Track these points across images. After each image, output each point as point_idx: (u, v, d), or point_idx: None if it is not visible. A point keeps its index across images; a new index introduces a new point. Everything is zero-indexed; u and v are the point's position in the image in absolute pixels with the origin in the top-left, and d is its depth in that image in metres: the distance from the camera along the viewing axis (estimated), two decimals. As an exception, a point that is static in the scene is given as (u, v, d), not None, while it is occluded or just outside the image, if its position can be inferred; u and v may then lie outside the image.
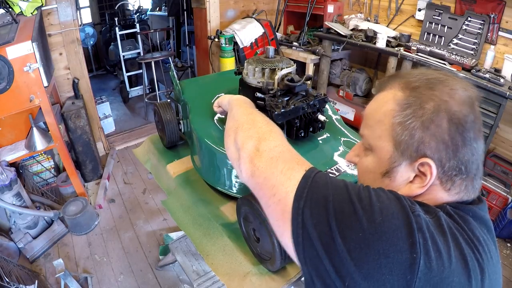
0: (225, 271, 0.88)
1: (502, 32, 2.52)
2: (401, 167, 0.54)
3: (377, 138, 0.56)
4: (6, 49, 1.88)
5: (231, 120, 0.74)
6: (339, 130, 1.08)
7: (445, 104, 0.50)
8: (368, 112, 0.59)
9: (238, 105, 0.78)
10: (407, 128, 0.51)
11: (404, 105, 0.52)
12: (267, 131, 0.65)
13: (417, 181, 0.53)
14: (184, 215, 1.05)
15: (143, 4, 6.39)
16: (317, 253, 0.46)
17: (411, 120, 0.51)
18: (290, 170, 0.54)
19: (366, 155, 0.60)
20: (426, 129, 0.50)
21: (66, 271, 1.69)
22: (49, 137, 2.35)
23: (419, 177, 0.53)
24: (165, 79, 4.74)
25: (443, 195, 0.54)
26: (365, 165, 0.60)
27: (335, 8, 3.38)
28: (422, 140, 0.51)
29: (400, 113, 0.52)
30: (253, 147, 0.61)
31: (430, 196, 0.54)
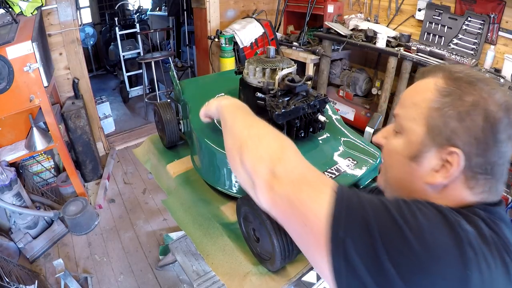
0: (225, 271, 0.88)
1: (502, 32, 2.52)
2: (429, 153, 0.53)
3: (411, 119, 0.56)
4: (6, 49, 1.88)
5: (230, 136, 0.64)
6: (339, 130, 1.08)
7: (484, 102, 0.50)
8: (406, 94, 0.59)
9: (231, 114, 0.68)
10: (443, 115, 0.51)
11: (444, 92, 0.52)
12: (278, 148, 0.57)
13: (443, 171, 0.52)
14: (184, 215, 1.05)
15: (143, 4, 6.39)
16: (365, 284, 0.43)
17: (449, 108, 0.51)
18: (318, 193, 0.49)
19: (395, 137, 0.59)
20: (462, 121, 0.50)
21: (66, 271, 1.69)
22: (49, 137, 2.35)
23: (445, 167, 0.52)
24: (165, 79, 4.74)
25: (466, 193, 0.53)
26: (393, 146, 0.59)
27: (335, 8, 3.38)
28: (455, 130, 0.50)
29: (439, 99, 0.52)
30: (268, 171, 0.54)
31: (454, 192, 0.53)
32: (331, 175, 0.88)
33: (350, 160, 0.95)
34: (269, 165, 0.54)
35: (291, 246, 0.75)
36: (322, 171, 0.89)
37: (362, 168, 0.93)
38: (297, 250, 0.78)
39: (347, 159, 0.95)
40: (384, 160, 0.63)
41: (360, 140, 1.03)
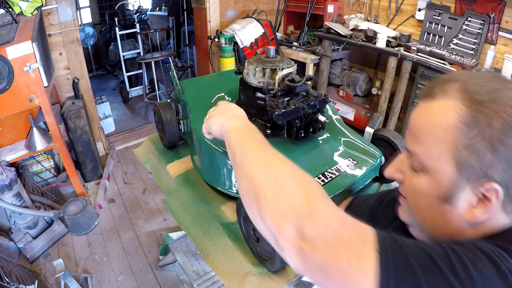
0: (225, 271, 0.88)
1: (502, 32, 2.52)
2: (463, 192, 0.48)
3: (435, 158, 0.49)
4: (6, 49, 1.87)
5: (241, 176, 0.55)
6: (339, 130, 1.08)
7: None
8: (420, 124, 0.51)
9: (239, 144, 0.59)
10: (474, 151, 0.45)
11: (470, 123, 0.45)
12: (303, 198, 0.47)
13: (480, 206, 0.47)
14: (184, 215, 1.05)
15: (143, 4, 6.39)
16: None
17: (479, 141, 0.44)
18: (359, 259, 0.41)
19: (417, 175, 0.53)
20: (495, 151, 0.44)
21: (66, 271, 1.69)
22: (49, 137, 2.35)
23: (482, 202, 0.47)
24: (165, 79, 4.74)
25: (503, 217, 0.48)
26: (418, 188, 0.52)
27: (335, 8, 3.38)
28: (491, 164, 0.44)
29: (465, 132, 0.45)
30: (294, 233, 0.44)
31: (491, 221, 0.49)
32: (331, 175, 0.88)
33: (350, 160, 0.95)
34: (296, 225, 0.44)
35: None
36: (322, 171, 0.89)
37: (362, 168, 0.93)
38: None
39: (347, 159, 0.95)
40: (407, 199, 0.57)
41: (360, 140, 1.03)
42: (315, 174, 0.88)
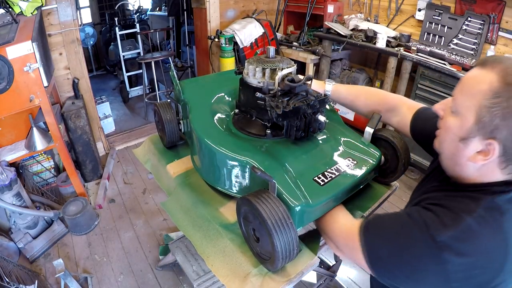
0: (225, 272, 0.87)
1: (502, 32, 2.52)
2: (475, 139, 0.65)
3: (465, 107, 0.66)
4: (6, 49, 1.87)
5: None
6: (339, 130, 1.08)
7: None
8: (468, 81, 0.67)
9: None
10: (490, 112, 0.61)
11: (496, 94, 0.60)
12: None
13: (482, 154, 0.65)
14: (183, 217, 1.05)
15: (143, 4, 6.39)
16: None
17: (496, 108, 0.60)
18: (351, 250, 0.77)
19: (451, 115, 0.70)
20: (504, 119, 0.60)
21: (66, 271, 1.69)
22: (49, 137, 2.35)
23: (484, 152, 0.65)
24: (165, 79, 4.74)
25: (498, 174, 0.67)
26: (449, 124, 0.71)
27: (335, 8, 3.38)
28: (498, 127, 0.61)
29: (490, 99, 0.61)
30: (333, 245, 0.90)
31: (488, 170, 0.67)
32: (331, 175, 0.88)
33: (350, 160, 0.95)
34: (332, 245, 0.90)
35: (291, 246, 0.75)
36: (322, 171, 0.89)
37: (362, 168, 0.93)
38: (298, 249, 0.78)
39: (347, 159, 0.95)
40: (440, 132, 0.76)
41: (360, 140, 1.03)
42: (315, 174, 0.88)
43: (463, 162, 0.69)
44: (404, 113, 1.01)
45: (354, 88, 1.16)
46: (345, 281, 2.03)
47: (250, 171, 0.90)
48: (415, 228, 0.66)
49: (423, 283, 0.66)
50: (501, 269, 0.63)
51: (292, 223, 0.74)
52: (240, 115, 1.09)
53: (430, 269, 0.63)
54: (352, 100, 1.13)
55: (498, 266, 0.63)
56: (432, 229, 0.63)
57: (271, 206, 0.74)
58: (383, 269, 0.71)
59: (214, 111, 1.14)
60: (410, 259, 0.65)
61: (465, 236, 0.62)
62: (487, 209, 0.64)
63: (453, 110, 0.70)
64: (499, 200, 0.65)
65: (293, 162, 0.90)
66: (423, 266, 0.64)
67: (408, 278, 0.67)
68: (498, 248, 0.63)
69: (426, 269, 0.63)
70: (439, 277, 0.62)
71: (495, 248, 0.63)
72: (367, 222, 0.76)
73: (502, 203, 0.65)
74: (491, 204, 0.65)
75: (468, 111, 0.65)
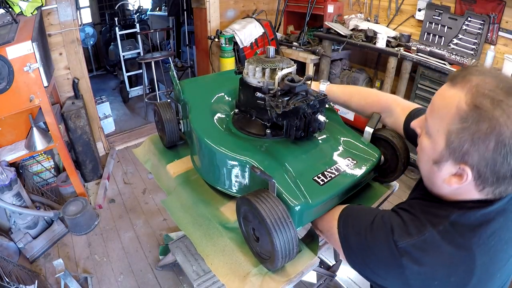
0: (225, 272, 0.88)
1: (502, 32, 2.52)
2: (447, 163, 0.63)
3: (436, 130, 0.64)
4: (6, 49, 1.87)
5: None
6: (339, 130, 1.08)
7: (499, 127, 0.54)
8: (437, 101, 0.65)
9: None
10: (458, 138, 0.58)
11: (463, 118, 0.57)
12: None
13: (456, 178, 0.63)
14: (184, 215, 1.05)
15: (143, 4, 6.39)
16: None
17: (464, 133, 0.57)
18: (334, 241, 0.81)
19: (426, 136, 0.68)
20: (474, 145, 0.57)
21: (66, 271, 1.69)
22: (49, 137, 2.35)
23: (458, 175, 0.62)
24: (165, 79, 4.74)
25: (475, 194, 0.63)
26: (423, 145, 0.69)
27: (335, 8, 3.38)
28: (468, 152, 0.58)
29: (457, 124, 0.58)
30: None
31: (464, 191, 0.64)
32: (331, 175, 0.88)
33: (350, 159, 0.95)
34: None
35: (290, 245, 0.75)
36: (322, 170, 0.89)
37: (362, 168, 0.93)
38: (297, 249, 0.78)
39: (346, 158, 0.95)
40: (418, 152, 0.74)
41: (360, 140, 1.03)
42: (314, 174, 0.88)
43: (438, 183, 0.67)
44: (398, 114, 1.00)
45: (348, 88, 1.15)
46: (345, 281, 2.03)
47: (250, 170, 0.90)
48: (382, 231, 0.69)
49: (386, 280, 0.68)
50: (463, 286, 0.61)
51: (292, 222, 0.74)
52: (240, 115, 1.09)
53: (391, 271, 0.66)
54: (346, 101, 1.13)
55: (460, 282, 0.61)
56: (396, 235, 0.66)
57: (270, 205, 0.74)
58: (353, 258, 0.74)
59: (214, 111, 1.14)
60: (373, 257, 0.69)
61: (426, 247, 0.63)
62: (455, 224, 0.63)
63: (426, 131, 0.68)
64: (471, 216, 0.63)
65: (292, 162, 0.90)
66: (384, 267, 0.67)
67: (373, 273, 0.70)
68: (462, 264, 0.61)
69: (387, 270, 0.67)
70: (399, 280, 0.65)
71: (458, 264, 0.61)
72: (347, 209, 0.80)
73: (473, 218, 0.63)
74: (460, 219, 0.63)
75: (438, 134, 0.63)
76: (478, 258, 0.61)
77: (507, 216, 0.64)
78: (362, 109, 1.11)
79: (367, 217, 0.75)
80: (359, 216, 0.78)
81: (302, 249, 0.92)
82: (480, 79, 0.58)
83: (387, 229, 0.68)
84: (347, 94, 1.13)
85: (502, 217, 0.63)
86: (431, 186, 0.71)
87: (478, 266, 0.61)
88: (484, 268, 0.61)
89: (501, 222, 0.63)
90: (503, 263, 0.64)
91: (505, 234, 0.64)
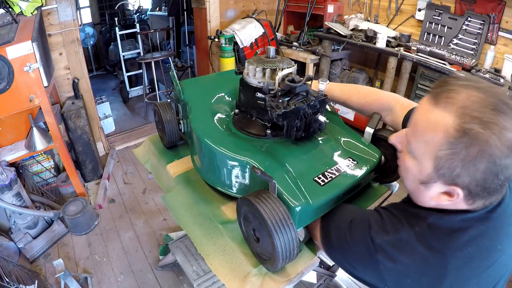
0: (225, 272, 0.87)
1: (502, 32, 2.52)
2: (436, 184, 0.62)
3: (421, 153, 0.62)
4: (6, 49, 1.87)
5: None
6: (339, 130, 1.08)
7: (490, 150, 0.53)
8: (419, 123, 0.62)
9: None
10: (448, 163, 0.57)
11: (452, 144, 0.55)
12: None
13: (446, 196, 0.62)
14: (184, 213, 1.05)
15: (143, 4, 6.39)
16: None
17: (454, 159, 0.56)
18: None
19: (409, 156, 0.66)
20: (464, 169, 0.56)
21: (66, 271, 1.69)
22: (49, 137, 2.35)
23: (448, 194, 0.62)
24: (165, 79, 4.74)
25: (463, 206, 0.63)
26: (408, 166, 0.67)
27: (335, 8, 3.39)
28: (459, 175, 0.57)
29: (446, 150, 0.56)
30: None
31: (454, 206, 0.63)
32: (331, 175, 0.88)
33: (350, 160, 0.95)
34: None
35: (291, 246, 0.75)
36: (322, 171, 0.89)
37: (362, 168, 0.93)
38: (298, 250, 0.78)
39: (347, 159, 0.95)
40: (400, 170, 0.73)
41: (360, 140, 1.03)
42: (315, 174, 0.88)
43: (426, 200, 0.66)
44: (397, 112, 1.00)
45: (347, 87, 1.14)
46: (345, 281, 2.03)
47: (250, 171, 0.90)
48: (361, 227, 0.71)
49: (364, 273, 0.70)
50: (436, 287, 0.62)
51: (293, 223, 0.74)
52: (240, 115, 1.09)
53: (367, 265, 0.69)
54: (345, 100, 1.13)
55: (433, 284, 0.62)
56: (373, 231, 0.68)
57: (271, 206, 0.74)
58: (332, 251, 0.78)
59: (214, 111, 1.14)
60: (351, 252, 0.72)
61: (400, 245, 0.64)
62: (432, 226, 0.64)
63: (409, 151, 0.66)
64: (449, 220, 0.63)
65: (293, 162, 0.90)
66: (361, 261, 0.70)
67: (352, 266, 0.73)
68: (433, 267, 0.62)
69: (364, 265, 0.70)
70: (375, 273, 0.67)
71: (430, 266, 0.62)
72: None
73: (451, 223, 0.63)
74: (438, 222, 0.64)
75: (424, 158, 0.61)
76: (451, 263, 0.61)
77: (488, 224, 0.64)
78: (362, 108, 1.11)
79: (349, 214, 0.78)
80: (341, 213, 0.81)
81: (302, 249, 0.91)
82: (465, 96, 0.55)
83: (365, 225, 0.71)
84: (346, 93, 1.12)
85: (482, 225, 0.63)
86: (416, 200, 0.70)
87: (450, 271, 0.61)
88: (458, 274, 0.61)
89: (481, 229, 0.63)
90: (481, 269, 0.64)
91: (486, 242, 0.63)
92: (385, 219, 0.70)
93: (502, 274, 0.69)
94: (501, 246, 0.64)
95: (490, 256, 0.64)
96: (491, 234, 0.64)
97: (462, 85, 0.57)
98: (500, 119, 0.53)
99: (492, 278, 0.67)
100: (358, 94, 1.10)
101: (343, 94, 1.13)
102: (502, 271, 0.68)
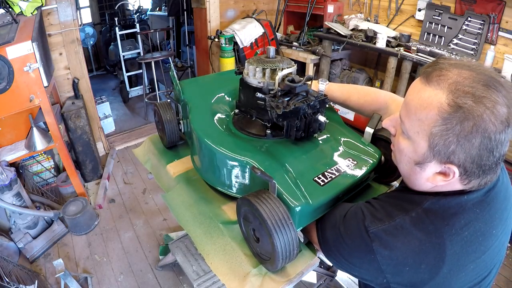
0: (225, 271, 0.88)
1: (502, 32, 2.52)
2: (431, 163, 0.62)
3: (415, 133, 0.62)
4: (6, 49, 1.87)
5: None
6: (339, 130, 1.08)
7: (484, 124, 0.53)
8: (412, 102, 0.62)
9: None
10: (443, 139, 0.57)
11: (446, 119, 0.56)
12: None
13: (441, 176, 0.62)
14: (184, 212, 1.05)
15: (143, 4, 6.39)
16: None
17: (448, 134, 0.56)
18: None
19: (403, 137, 0.66)
20: (459, 144, 0.56)
21: (66, 271, 1.69)
22: (49, 137, 2.35)
23: (443, 174, 0.62)
24: (165, 79, 4.74)
25: (458, 186, 0.63)
26: (402, 147, 0.67)
27: (335, 8, 3.39)
28: (454, 152, 0.57)
29: (440, 126, 0.56)
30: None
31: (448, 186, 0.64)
32: (331, 175, 0.88)
33: (350, 160, 0.95)
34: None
35: (291, 246, 0.75)
36: (322, 171, 0.89)
37: (362, 168, 0.93)
38: (298, 250, 0.78)
39: (347, 159, 0.95)
40: (394, 153, 0.73)
41: (360, 140, 1.03)
42: (315, 174, 0.88)
43: (421, 182, 0.66)
44: (393, 110, 1.01)
45: (347, 87, 1.15)
46: (345, 281, 2.02)
47: (250, 171, 0.90)
48: (354, 219, 0.71)
49: (361, 269, 0.69)
50: (434, 274, 0.61)
51: (292, 223, 0.74)
52: (240, 115, 1.09)
53: (364, 258, 0.67)
54: (345, 100, 1.13)
55: (431, 270, 0.61)
56: (367, 221, 0.67)
57: (271, 206, 0.74)
58: (329, 250, 0.76)
59: (214, 111, 1.14)
60: (347, 247, 0.70)
61: (396, 232, 0.63)
62: (428, 211, 0.63)
63: (403, 132, 0.66)
64: (445, 203, 0.63)
65: (293, 162, 0.90)
66: (357, 254, 0.68)
67: (349, 263, 0.71)
68: (431, 252, 0.61)
69: (361, 258, 0.68)
70: (373, 265, 0.65)
71: (428, 251, 0.61)
72: None
73: (447, 206, 0.63)
74: (434, 206, 0.63)
75: (419, 137, 0.61)
76: (448, 247, 0.61)
77: (484, 208, 0.64)
78: (361, 108, 1.11)
79: (342, 211, 0.77)
80: (335, 211, 0.80)
81: (302, 249, 0.92)
82: (456, 73, 0.56)
83: (358, 217, 0.70)
84: (345, 93, 1.13)
85: (478, 208, 0.63)
86: (412, 184, 0.70)
87: (448, 255, 0.60)
88: (455, 258, 0.61)
89: (477, 213, 0.63)
90: (477, 255, 0.64)
91: (482, 226, 0.63)
92: (378, 208, 0.69)
93: (495, 262, 0.69)
94: (495, 231, 0.65)
95: (485, 241, 0.64)
96: (486, 218, 0.64)
97: (453, 63, 0.58)
98: (492, 94, 0.53)
99: (487, 265, 0.67)
100: (357, 94, 1.11)
101: (343, 94, 1.13)
102: (495, 258, 0.68)
